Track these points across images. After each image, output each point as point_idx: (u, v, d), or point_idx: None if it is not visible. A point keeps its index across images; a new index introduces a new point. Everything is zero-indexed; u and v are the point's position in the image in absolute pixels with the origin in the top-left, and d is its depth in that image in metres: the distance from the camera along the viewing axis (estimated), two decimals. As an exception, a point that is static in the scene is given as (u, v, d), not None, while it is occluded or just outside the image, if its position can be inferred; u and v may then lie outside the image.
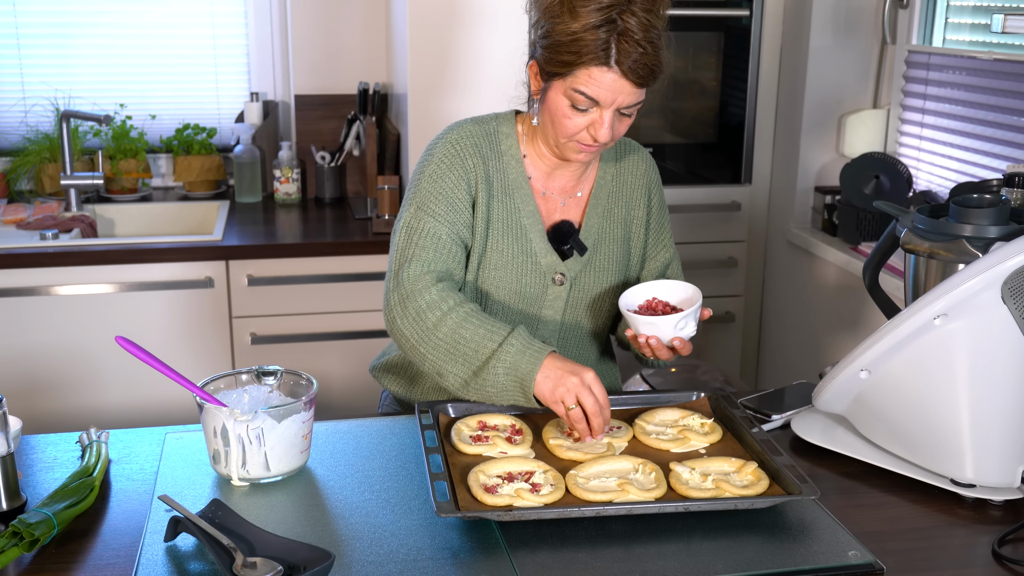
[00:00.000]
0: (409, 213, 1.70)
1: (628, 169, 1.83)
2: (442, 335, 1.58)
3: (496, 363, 1.55)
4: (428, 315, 1.59)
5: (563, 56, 1.56)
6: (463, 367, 1.57)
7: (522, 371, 1.53)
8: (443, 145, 1.72)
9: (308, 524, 1.36)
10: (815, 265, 2.95)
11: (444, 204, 1.68)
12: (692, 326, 1.61)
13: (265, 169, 3.36)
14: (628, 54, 1.53)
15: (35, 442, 1.60)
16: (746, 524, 1.37)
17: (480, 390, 1.57)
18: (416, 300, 1.61)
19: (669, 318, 1.59)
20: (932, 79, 2.72)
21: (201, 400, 1.44)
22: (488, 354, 1.55)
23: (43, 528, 1.28)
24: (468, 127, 1.74)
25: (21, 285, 2.71)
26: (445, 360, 1.58)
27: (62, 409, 2.80)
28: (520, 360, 1.53)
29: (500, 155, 1.74)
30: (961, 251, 1.51)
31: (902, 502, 1.47)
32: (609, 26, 1.53)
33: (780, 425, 1.72)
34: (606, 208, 1.80)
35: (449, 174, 1.69)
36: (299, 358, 2.92)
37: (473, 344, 1.56)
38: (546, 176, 1.76)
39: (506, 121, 1.77)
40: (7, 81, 3.31)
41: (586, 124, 1.61)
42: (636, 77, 1.55)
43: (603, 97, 1.57)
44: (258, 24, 3.40)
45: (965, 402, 1.44)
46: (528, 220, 1.74)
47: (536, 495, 1.38)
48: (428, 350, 1.59)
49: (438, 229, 1.67)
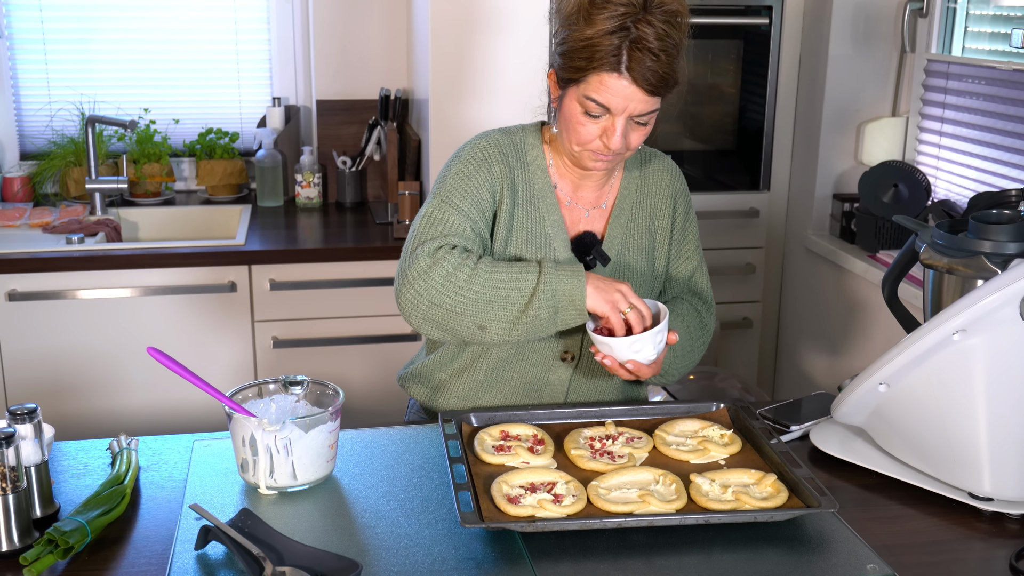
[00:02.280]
0: (432, 205, 1.69)
1: (652, 179, 1.84)
2: (478, 287, 1.58)
3: (543, 290, 1.57)
4: (458, 274, 1.59)
5: (576, 62, 1.59)
6: (509, 308, 1.58)
7: (571, 290, 1.57)
8: (471, 149, 1.73)
9: (335, 533, 1.38)
10: (833, 272, 2.96)
11: (469, 201, 1.69)
12: (649, 350, 1.59)
13: (287, 173, 3.40)
14: (640, 61, 1.55)
15: (66, 448, 1.63)
16: (765, 536, 1.39)
17: (532, 322, 1.59)
18: (441, 266, 1.59)
19: (623, 340, 1.58)
20: (951, 88, 2.73)
21: (230, 410, 1.47)
22: (532, 286, 1.58)
23: (77, 536, 1.31)
24: (495, 136, 1.76)
25: (47, 289, 2.75)
26: (486, 309, 1.59)
27: (88, 412, 2.84)
28: (564, 282, 1.58)
29: (526, 165, 1.76)
30: (980, 267, 1.52)
31: (920, 515, 1.49)
32: (622, 33, 1.55)
33: (799, 436, 1.73)
34: (629, 218, 1.81)
35: (476, 175, 1.71)
36: (321, 362, 2.95)
37: (511, 284, 1.58)
38: (572, 186, 1.78)
39: (532, 132, 1.79)
40: (33, 85, 3.35)
41: (599, 132, 1.63)
42: (647, 85, 1.57)
43: (614, 104, 1.59)
44: (280, 29, 3.43)
45: (983, 417, 1.45)
46: (553, 229, 1.75)
47: (558, 506, 1.40)
48: (466, 307, 1.59)
49: (461, 222, 1.67)
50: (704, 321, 1.86)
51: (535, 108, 2.88)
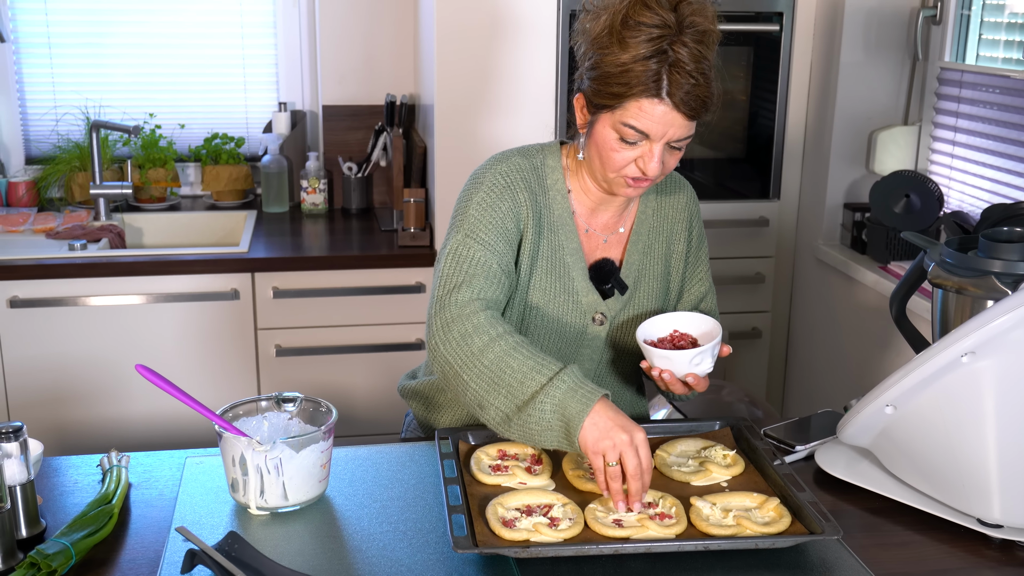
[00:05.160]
0: (456, 240, 1.61)
1: (669, 203, 1.78)
2: (487, 362, 1.47)
3: (544, 399, 1.42)
4: (474, 339, 1.49)
5: (612, 88, 1.52)
6: (507, 400, 1.45)
7: (570, 412, 1.41)
8: (492, 175, 1.65)
9: (325, 556, 1.35)
10: (843, 283, 2.92)
11: (494, 233, 1.61)
12: (708, 363, 1.57)
13: (292, 179, 3.37)
14: (680, 85, 1.49)
15: (56, 464, 1.61)
16: (767, 564, 1.35)
17: (523, 427, 1.44)
18: (462, 324, 1.51)
19: (684, 353, 1.55)
20: (965, 97, 2.68)
21: (220, 429, 1.44)
22: (536, 388, 1.43)
23: (61, 559, 1.28)
24: (516, 160, 1.68)
25: (49, 296, 2.73)
26: (488, 390, 1.46)
27: (87, 419, 2.82)
28: (570, 400, 1.41)
29: (547, 190, 1.68)
30: (990, 287, 1.48)
31: (928, 541, 1.45)
32: (660, 57, 1.49)
33: (804, 456, 1.70)
34: (647, 244, 1.76)
35: (500, 204, 1.63)
36: (324, 371, 2.92)
37: (520, 376, 1.45)
38: (590, 212, 1.72)
39: (552, 154, 1.71)
40: (39, 90, 3.34)
41: (635, 157, 1.56)
42: (688, 109, 1.52)
43: (653, 130, 1.53)
44: (287, 35, 3.41)
45: (993, 441, 1.41)
46: (571, 258, 1.69)
47: (554, 530, 1.37)
48: (471, 377, 1.48)
49: (488, 258, 1.59)
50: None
51: (540, 116, 2.84)
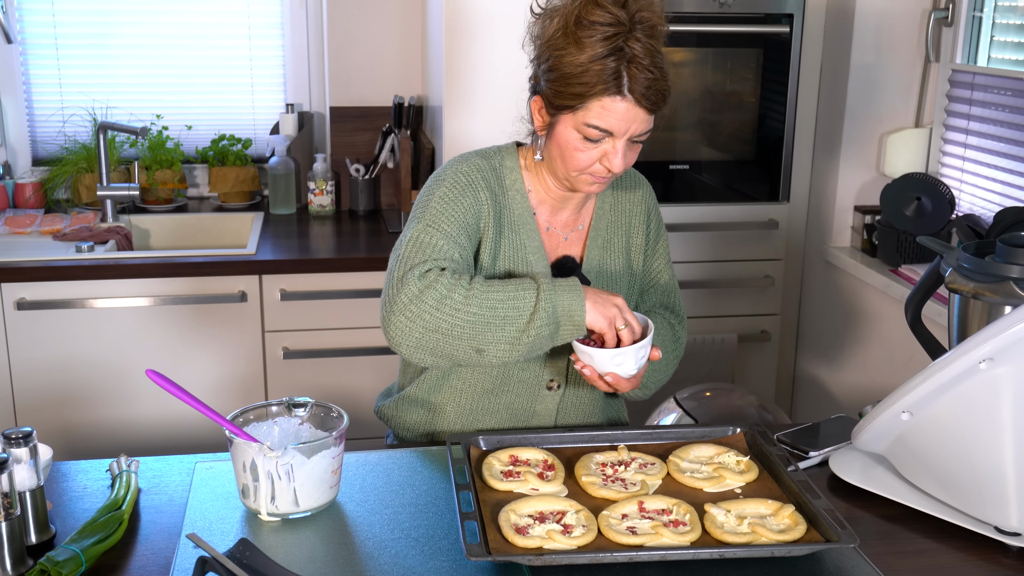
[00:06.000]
0: (417, 229, 1.60)
1: (626, 198, 1.80)
2: (475, 308, 1.51)
3: (541, 309, 1.52)
4: (452, 295, 1.50)
5: (573, 88, 1.54)
6: (508, 328, 1.52)
7: (569, 307, 1.53)
8: (454, 173, 1.66)
9: (336, 563, 1.34)
10: (853, 286, 2.90)
11: (456, 226, 1.62)
12: (631, 364, 1.57)
13: (300, 181, 3.36)
14: (639, 81, 1.52)
15: (66, 469, 1.60)
16: (783, 571, 1.34)
17: (532, 341, 1.53)
18: (434, 288, 1.50)
19: (605, 351, 1.56)
20: (976, 99, 2.67)
21: (231, 434, 1.43)
22: (532, 304, 1.52)
23: (71, 566, 1.27)
24: (475, 160, 1.70)
25: (56, 297, 2.72)
26: (484, 331, 1.51)
27: (95, 422, 2.81)
28: (562, 297, 1.53)
29: (506, 190, 1.70)
30: (1008, 293, 1.47)
31: (944, 549, 1.43)
32: (617, 54, 1.51)
33: (818, 462, 1.68)
34: (606, 239, 1.78)
35: (462, 200, 1.64)
36: (331, 373, 2.91)
37: (509, 303, 1.52)
38: (550, 211, 1.74)
39: (509, 155, 1.73)
40: (46, 91, 3.33)
41: (599, 156, 1.59)
42: (649, 103, 1.54)
43: (617, 127, 1.55)
44: (294, 36, 3.40)
45: (1010, 448, 1.40)
46: (533, 256, 1.71)
47: (568, 537, 1.36)
48: (463, 330, 1.50)
49: (449, 247, 1.59)
50: (677, 335, 1.83)
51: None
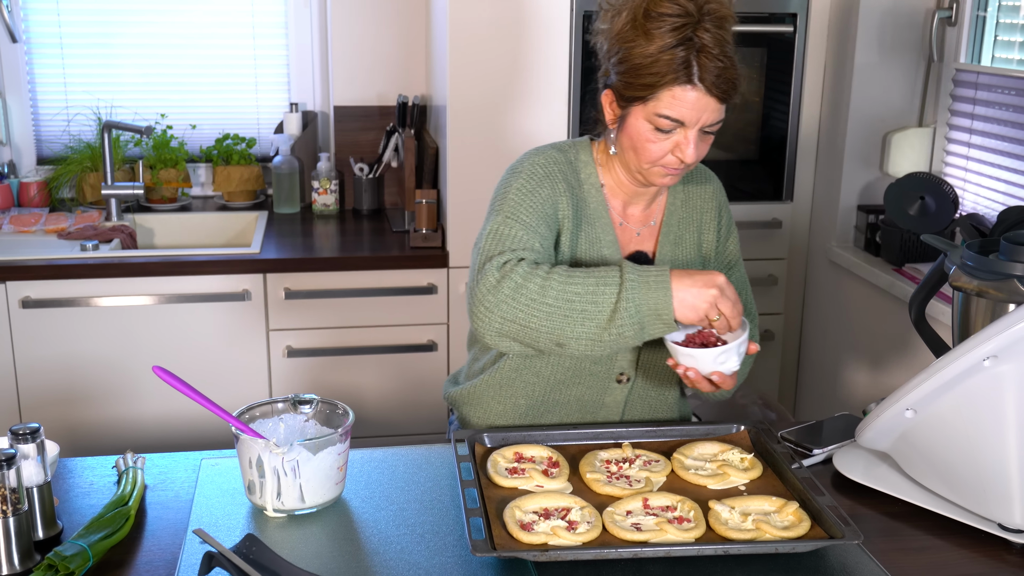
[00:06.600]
0: (496, 221, 1.60)
1: (697, 193, 1.80)
2: (551, 300, 1.47)
3: (625, 306, 1.46)
4: (528, 285, 1.48)
5: (644, 79, 1.54)
6: (589, 324, 1.47)
7: (656, 303, 1.46)
8: (531, 165, 1.66)
9: (342, 559, 1.35)
10: (857, 285, 2.91)
11: (535, 216, 1.61)
12: (735, 360, 1.55)
13: (304, 180, 3.37)
14: (709, 70, 1.52)
15: (72, 466, 1.61)
16: (787, 568, 1.34)
17: (617, 339, 1.48)
18: (510, 278, 1.49)
19: (708, 351, 1.54)
20: (980, 98, 2.67)
21: (237, 431, 1.43)
22: (613, 300, 1.46)
23: (78, 561, 1.28)
24: (552, 153, 1.69)
25: (60, 296, 2.73)
26: (564, 324, 1.47)
27: (100, 420, 2.81)
28: (648, 294, 1.46)
29: (581, 184, 1.70)
30: (1012, 291, 1.47)
31: (948, 546, 1.44)
32: (686, 44, 1.51)
33: (821, 460, 1.68)
34: (677, 235, 1.77)
35: (540, 190, 1.63)
36: (335, 372, 2.92)
37: (590, 297, 1.47)
38: (623, 205, 1.73)
39: (584, 149, 1.73)
40: (51, 90, 3.34)
41: (671, 147, 1.58)
42: (719, 92, 1.54)
43: (688, 116, 1.55)
44: (298, 35, 3.40)
45: (1014, 446, 1.40)
46: (608, 251, 1.70)
47: (572, 533, 1.36)
48: (540, 322, 1.47)
49: (529, 237, 1.58)
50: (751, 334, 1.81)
51: (554, 116, 2.84)
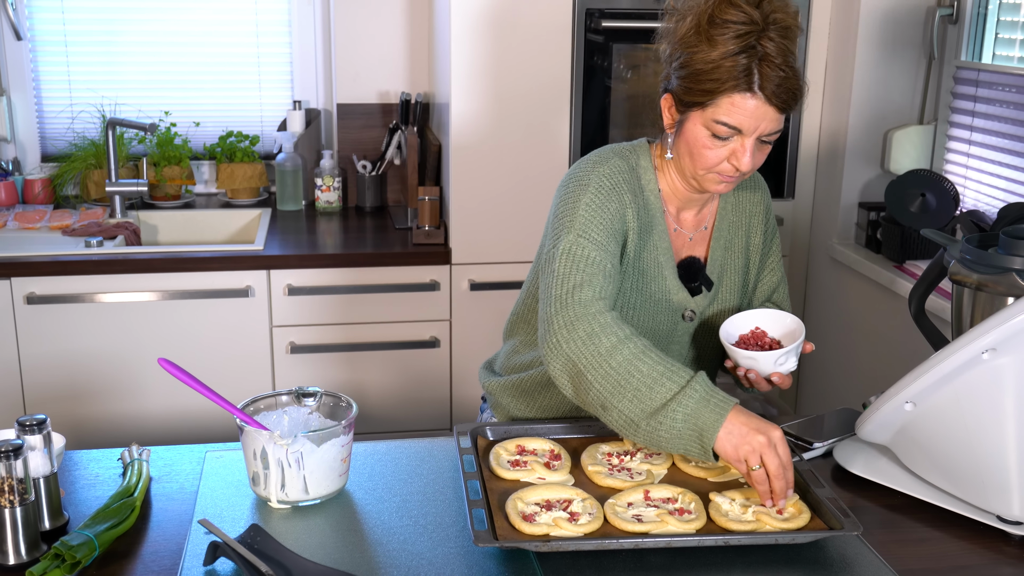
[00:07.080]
0: (569, 240, 1.59)
1: (746, 198, 1.79)
2: (615, 364, 1.45)
3: (676, 408, 1.41)
4: (602, 339, 1.47)
5: (704, 85, 1.53)
6: (634, 404, 1.43)
7: (704, 422, 1.40)
8: (598, 177, 1.64)
9: (346, 550, 1.36)
10: (858, 282, 2.92)
11: (605, 233, 1.60)
12: (793, 361, 1.57)
13: (307, 177, 3.38)
14: (770, 79, 1.51)
15: (78, 458, 1.62)
16: (787, 559, 1.35)
17: (652, 433, 1.43)
18: (588, 322, 1.49)
19: (770, 354, 1.56)
20: (981, 96, 2.68)
21: (242, 423, 1.44)
22: (667, 396, 1.42)
23: (84, 550, 1.29)
24: (616, 161, 1.67)
25: (65, 292, 2.74)
26: (614, 392, 1.45)
27: (104, 416, 2.83)
28: (703, 409, 1.41)
29: (642, 190, 1.69)
30: (1011, 284, 1.48)
31: (947, 538, 1.45)
32: (749, 52, 1.50)
33: (822, 453, 1.70)
34: (728, 240, 1.77)
35: (608, 205, 1.62)
36: (338, 368, 2.93)
37: (649, 381, 1.43)
38: (676, 210, 1.73)
39: (644, 154, 1.72)
40: (55, 88, 3.35)
41: (727, 154, 1.57)
42: (779, 101, 1.53)
43: (746, 124, 1.54)
44: (301, 33, 3.42)
45: (1013, 438, 1.41)
46: (663, 256, 1.70)
47: (574, 524, 1.37)
48: (596, 378, 1.46)
49: (603, 258, 1.58)
50: None
51: (556, 114, 2.85)
